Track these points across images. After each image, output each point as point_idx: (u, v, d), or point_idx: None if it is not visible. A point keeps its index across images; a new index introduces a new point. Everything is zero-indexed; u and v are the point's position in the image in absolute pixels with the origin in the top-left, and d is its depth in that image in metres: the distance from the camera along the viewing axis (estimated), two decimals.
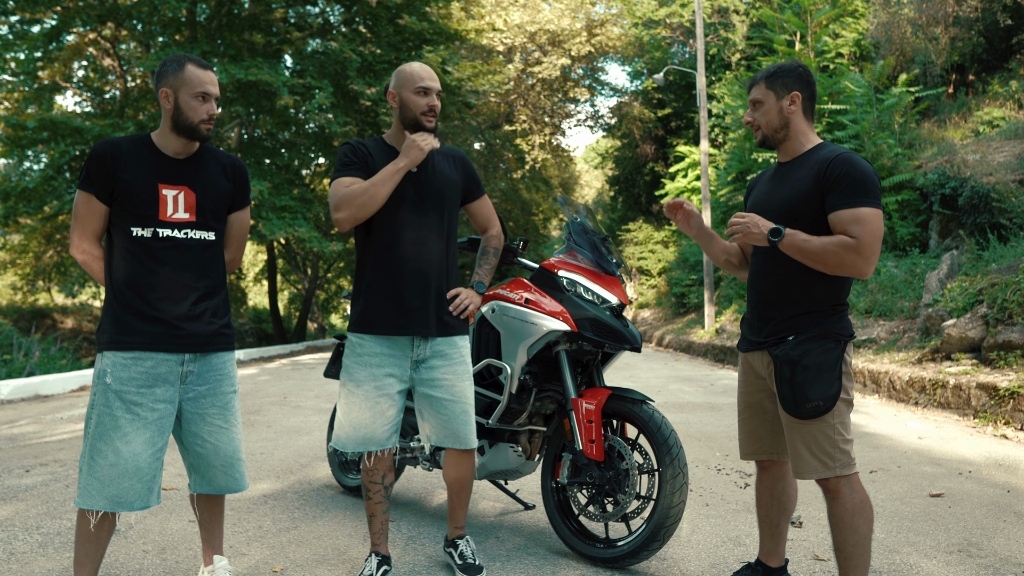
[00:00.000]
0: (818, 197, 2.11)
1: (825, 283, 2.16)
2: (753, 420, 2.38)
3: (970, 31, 14.99)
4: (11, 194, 13.19)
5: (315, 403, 7.24)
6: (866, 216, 2.03)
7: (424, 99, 2.50)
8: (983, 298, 6.81)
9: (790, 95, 2.22)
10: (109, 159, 2.15)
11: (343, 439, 2.51)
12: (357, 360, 2.51)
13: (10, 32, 13.83)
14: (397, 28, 15.68)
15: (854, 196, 2.05)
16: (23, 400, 7.78)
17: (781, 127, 2.24)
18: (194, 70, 2.22)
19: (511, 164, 26.49)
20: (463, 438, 2.58)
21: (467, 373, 2.60)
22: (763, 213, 2.26)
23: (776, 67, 2.26)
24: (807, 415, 2.11)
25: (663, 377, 9.74)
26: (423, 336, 2.51)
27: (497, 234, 2.77)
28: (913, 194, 11.87)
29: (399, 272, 2.49)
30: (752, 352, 2.32)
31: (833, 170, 2.08)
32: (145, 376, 2.15)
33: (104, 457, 2.12)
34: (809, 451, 2.13)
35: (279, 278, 25.46)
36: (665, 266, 23.34)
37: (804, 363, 2.10)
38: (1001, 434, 5.21)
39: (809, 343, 2.12)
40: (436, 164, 2.58)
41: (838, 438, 2.11)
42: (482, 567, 2.60)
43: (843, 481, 2.12)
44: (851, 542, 2.11)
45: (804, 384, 2.10)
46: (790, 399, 2.13)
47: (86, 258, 2.22)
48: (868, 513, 2.13)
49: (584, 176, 40.15)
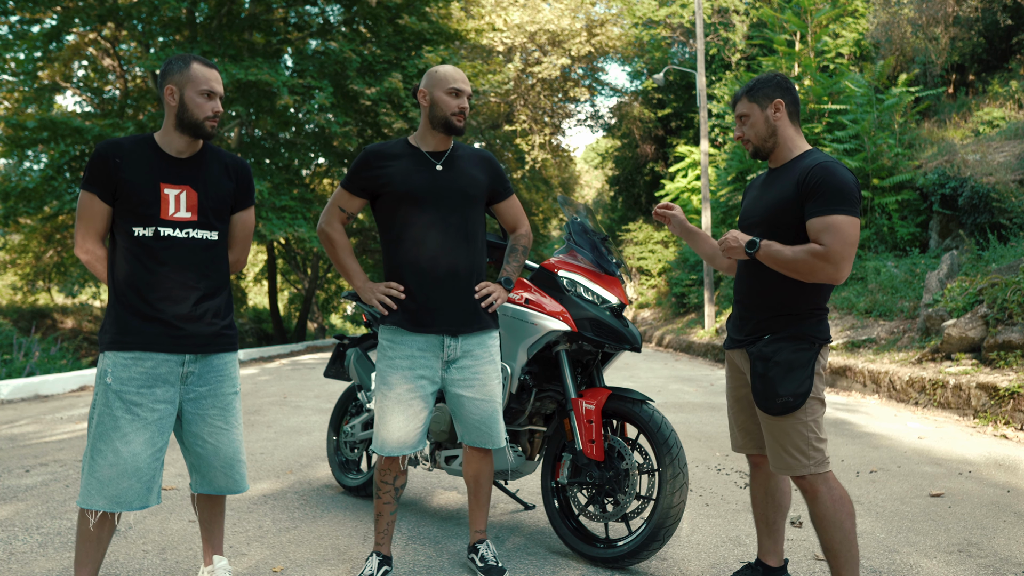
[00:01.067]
0: (798, 204, 2.16)
1: (802, 287, 2.20)
2: (741, 415, 2.45)
3: (970, 31, 14.99)
4: (11, 194, 13.20)
5: (315, 403, 7.24)
6: (838, 223, 2.07)
7: (456, 100, 2.52)
8: (983, 298, 6.81)
9: (773, 103, 2.28)
10: (112, 159, 2.16)
11: (381, 443, 2.52)
12: (389, 364, 2.52)
13: (10, 32, 13.83)
14: (397, 28, 15.69)
15: (829, 204, 2.09)
16: (23, 400, 7.78)
17: (769, 135, 2.30)
18: (199, 68, 2.23)
19: (511, 164, 26.50)
20: (493, 437, 2.60)
21: (497, 372, 2.62)
22: (750, 218, 2.34)
23: (754, 81, 2.35)
24: (777, 411, 2.16)
25: (663, 377, 9.75)
26: (452, 334, 2.52)
27: (526, 232, 2.78)
28: (913, 194, 11.88)
29: (425, 272, 2.49)
30: (735, 350, 2.39)
31: (812, 178, 2.13)
32: (145, 376, 2.16)
33: (104, 457, 2.12)
34: (783, 448, 2.18)
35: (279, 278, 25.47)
36: (665, 266, 23.35)
37: (776, 359, 2.17)
38: (1001, 434, 5.21)
39: (783, 342, 2.19)
40: (461, 165, 2.59)
41: (811, 436, 2.16)
42: (504, 569, 2.60)
43: (819, 479, 2.17)
44: (837, 539, 2.15)
45: (775, 380, 2.16)
46: (761, 394, 2.19)
47: (90, 258, 2.23)
48: (849, 507, 2.17)
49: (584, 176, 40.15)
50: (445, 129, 2.54)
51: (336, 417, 3.95)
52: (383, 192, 2.53)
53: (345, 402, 3.92)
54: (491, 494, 2.75)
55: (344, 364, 3.84)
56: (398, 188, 2.50)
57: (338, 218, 2.64)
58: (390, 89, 14.30)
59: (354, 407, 3.87)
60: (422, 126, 2.60)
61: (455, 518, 3.39)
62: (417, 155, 2.56)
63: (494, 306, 2.59)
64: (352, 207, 2.62)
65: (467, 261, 2.54)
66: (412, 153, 2.56)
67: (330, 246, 2.65)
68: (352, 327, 30.82)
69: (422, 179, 2.50)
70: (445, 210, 2.51)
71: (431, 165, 2.54)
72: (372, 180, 2.53)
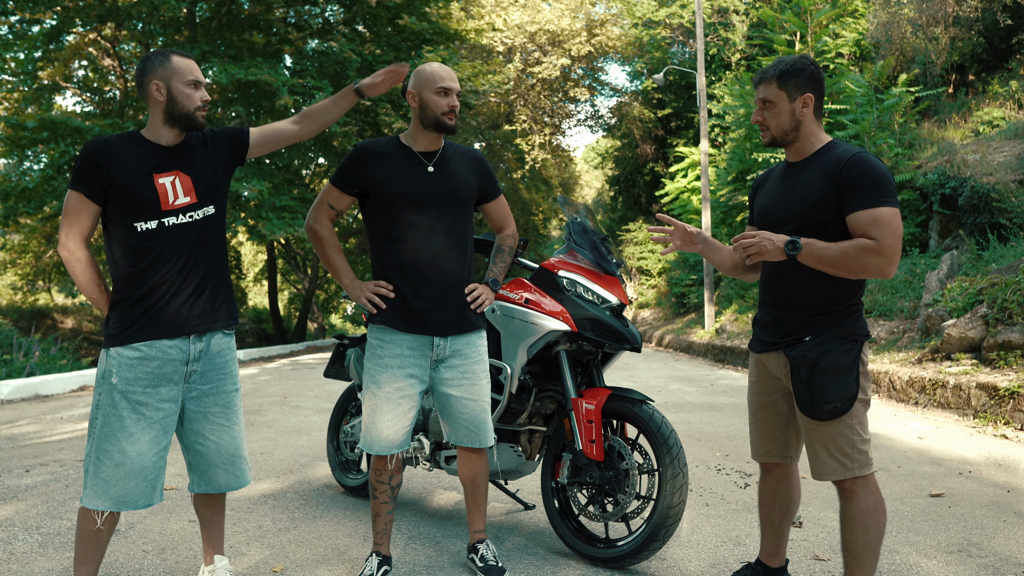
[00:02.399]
0: (835, 199, 2.07)
1: (840, 284, 2.13)
2: (767, 421, 2.35)
3: (970, 31, 14.99)
4: (11, 194, 13.19)
5: (315, 403, 7.24)
6: (885, 216, 1.99)
7: (445, 99, 2.51)
8: (983, 298, 6.81)
9: (803, 97, 2.16)
10: (100, 158, 2.14)
11: (369, 441, 2.53)
12: (378, 363, 2.52)
13: (10, 32, 13.83)
14: (397, 28, 15.69)
15: (872, 196, 2.01)
16: (23, 400, 7.78)
17: (792, 129, 2.19)
18: (181, 59, 2.22)
19: (511, 164, 26.50)
20: (480, 436, 2.61)
21: (485, 372, 2.63)
22: (775, 216, 2.22)
23: (788, 65, 2.17)
24: (825, 416, 2.09)
25: (663, 377, 9.74)
26: (441, 335, 2.53)
27: (512, 233, 2.79)
28: (913, 194, 11.88)
29: (415, 273, 2.50)
30: (767, 353, 2.29)
31: (849, 170, 2.04)
32: (151, 376, 2.16)
33: (110, 457, 2.12)
34: (828, 452, 2.11)
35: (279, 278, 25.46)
36: (665, 266, 23.34)
37: (822, 365, 2.08)
38: (1001, 434, 5.21)
39: (826, 344, 2.10)
40: (452, 166, 2.59)
41: (856, 439, 2.10)
42: (504, 569, 2.61)
43: (859, 482, 2.11)
44: (861, 543, 2.10)
45: (822, 386, 2.07)
46: (808, 401, 2.10)
47: (70, 258, 2.18)
48: (881, 516, 2.11)
49: (584, 176, 40.14)
50: (436, 129, 2.54)
51: (336, 417, 3.95)
52: (373, 191, 2.53)
53: (345, 402, 3.92)
54: (488, 493, 2.75)
55: (344, 364, 3.84)
56: (389, 189, 2.50)
57: (327, 215, 2.63)
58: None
59: (354, 407, 3.87)
60: (413, 126, 2.59)
61: (455, 518, 3.39)
62: (408, 155, 2.56)
63: (482, 307, 2.60)
64: (341, 204, 2.61)
65: (457, 263, 2.55)
66: (404, 153, 2.56)
67: (318, 243, 2.65)
68: (352, 327, 30.81)
69: (413, 181, 2.51)
70: (435, 212, 2.51)
71: (423, 166, 2.54)
72: (363, 178, 2.53)
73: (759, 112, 2.23)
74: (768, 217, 2.26)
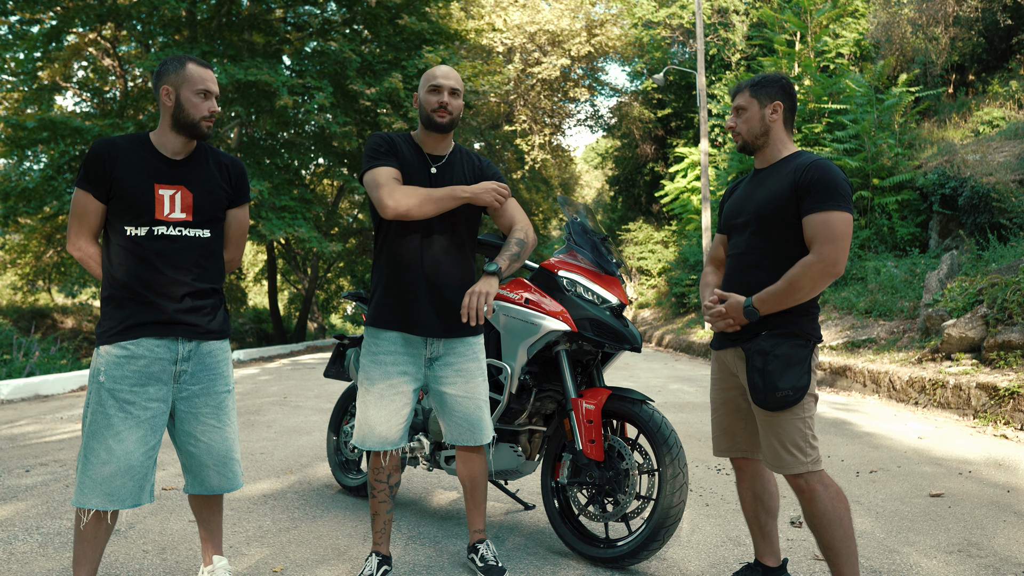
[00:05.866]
0: (794, 200, 2.20)
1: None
2: (727, 417, 2.44)
3: (970, 31, 14.99)
4: (11, 194, 13.19)
5: (315, 403, 7.24)
6: (834, 220, 2.13)
7: (435, 96, 2.53)
8: (983, 298, 6.81)
9: (772, 104, 2.31)
10: (107, 158, 2.17)
11: (362, 437, 2.54)
12: (372, 360, 2.54)
13: (10, 32, 13.83)
14: (397, 28, 15.69)
15: (825, 200, 2.14)
16: (23, 400, 7.78)
17: (761, 134, 2.34)
18: (195, 68, 2.24)
19: (511, 164, 26.51)
20: (477, 434, 2.60)
21: (480, 370, 2.63)
22: (740, 218, 2.36)
23: (761, 77, 2.37)
24: (776, 405, 2.16)
25: (663, 377, 9.74)
26: (436, 336, 2.53)
27: (521, 227, 2.60)
28: (913, 194, 11.88)
29: (413, 273, 2.50)
30: (726, 349, 2.39)
31: (807, 175, 2.17)
32: (138, 375, 2.16)
33: (97, 455, 2.12)
34: (782, 445, 2.18)
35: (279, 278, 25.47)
36: (665, 266, 23.35)
37: (775, 353, 2.19)
38: (1001, 434, 5.21)
39: (780, 338, 2.21)
40: (455, 169, 2.60)
41: (808, 432, 2.18)
42: (504, 569, 2.60)
43: (814, 478, 2.17)
44: (838, 536, 2.15)
45: (775, 373, 2.17)
46: (760, 389, 2.19)
47: (82, 255, 2.24)
48: (845, 503, 2.18)
49: (584, 176, 40.17)
50: (429, 126, 2.55)
51: (336, 417, 3.95)
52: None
53: (345, 402, 3.92)
54: (488, 493, 2.75)
55: (344, 364, 3.84)
56: None
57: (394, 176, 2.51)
58: (390, 89, 14.30)
59: (354, 407, 3.86)
60: (419, 127, 2.65)
61: (455, 518, 3.39)
62: (418, 154, 2.59)
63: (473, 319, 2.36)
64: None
65: (456, 265, 2.55)
66: (414, 151, 2.59)
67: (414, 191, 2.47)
68: (352, 327, 30.82)
69: (415, 181, 2.52)
70: (437, 216, 2.50)
71: (427, 167, 2.56)
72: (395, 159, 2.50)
73: (733, 119, 2.41)
74: (734, 219, 2.41)
